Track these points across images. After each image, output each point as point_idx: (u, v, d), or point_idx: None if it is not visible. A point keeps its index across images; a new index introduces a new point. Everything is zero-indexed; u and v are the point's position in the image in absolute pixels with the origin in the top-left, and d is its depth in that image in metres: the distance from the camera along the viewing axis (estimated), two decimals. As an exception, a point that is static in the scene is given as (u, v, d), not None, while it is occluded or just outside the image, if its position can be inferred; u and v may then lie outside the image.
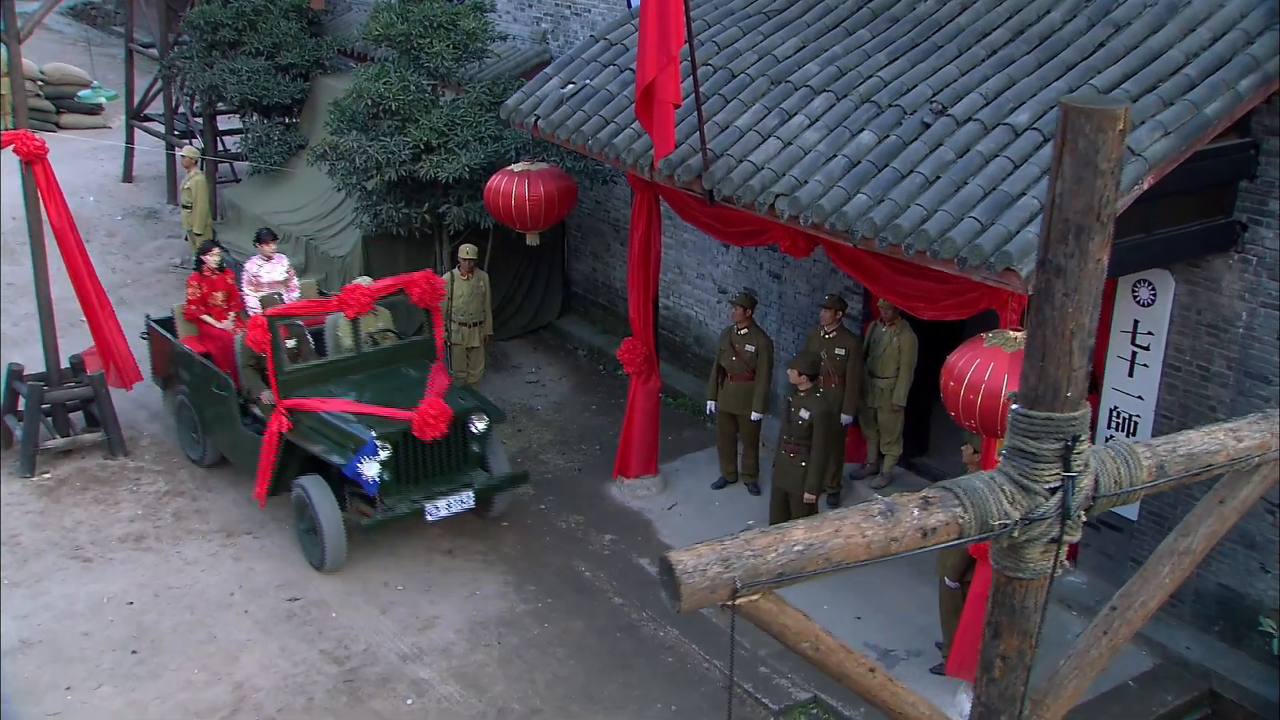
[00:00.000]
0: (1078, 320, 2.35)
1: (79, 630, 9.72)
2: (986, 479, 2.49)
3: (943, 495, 2.44)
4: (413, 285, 11.02)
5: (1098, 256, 2.29)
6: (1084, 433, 2.47)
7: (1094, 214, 2.24)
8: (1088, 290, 2.33)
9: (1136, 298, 9.45)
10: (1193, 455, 2.74)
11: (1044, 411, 2.43)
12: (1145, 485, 2.64)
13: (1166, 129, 7.34)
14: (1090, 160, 2.21)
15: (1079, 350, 2.37)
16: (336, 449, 10.16)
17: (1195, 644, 9.52)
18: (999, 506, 2.44)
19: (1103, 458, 2.63)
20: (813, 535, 2.29)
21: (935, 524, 2.39)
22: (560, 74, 10.85)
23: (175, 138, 18.94)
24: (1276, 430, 2.85)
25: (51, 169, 11.61)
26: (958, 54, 8.81)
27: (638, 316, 11.32)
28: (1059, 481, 2.46)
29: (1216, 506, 3.10)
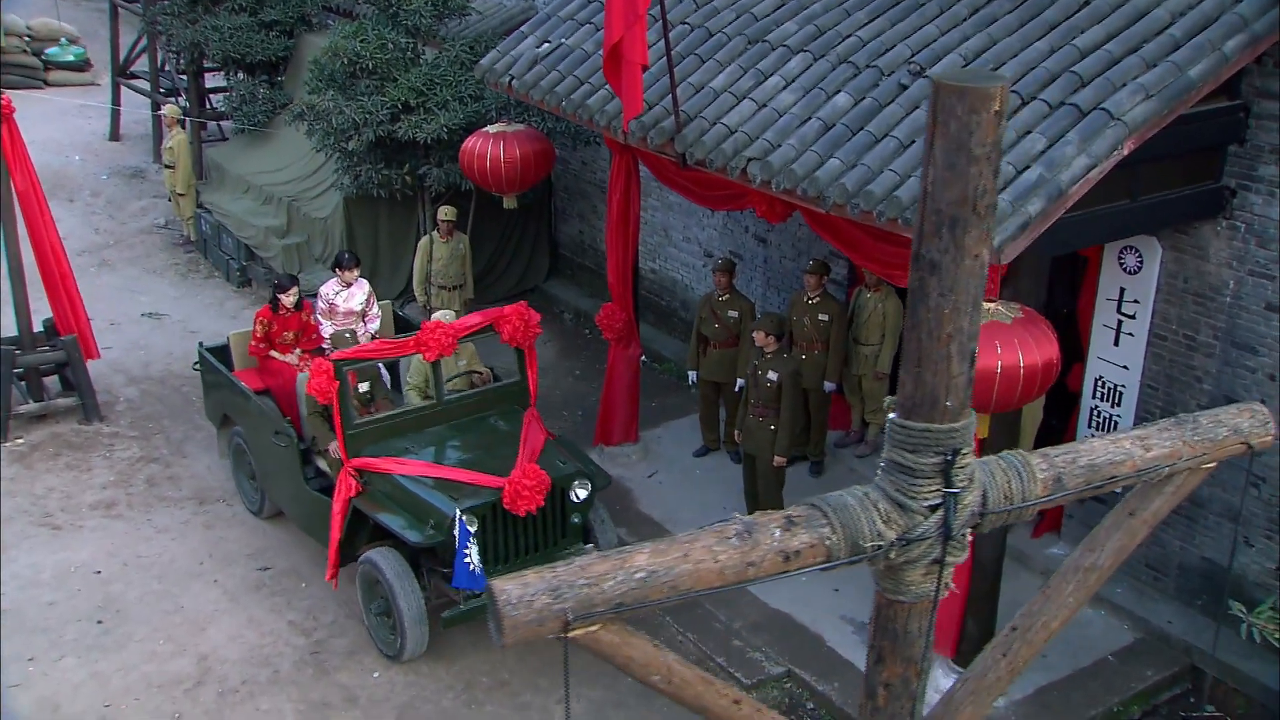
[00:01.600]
0: (955, 322, 2.12)
1: (44, 600, 9.60)
2: (860, 495, 2.27)
3: (809, 514, 2.22)
4: (503, 321, 9.61)
5: (975, 252, 2.06)
6: (966, 445, 2.25)
7: (969, 205, 2.01)
8: (965, 289, 2.10)
9: (1123, 265, 9.19)
10: (1094, 466, 2.52)
11: (921, 422, 2.21)
12: (1041, 500, 2.43)
13: (1148, 92, 7.06)
14: (963, 145, 1.98)
15: (958, 355, 2.15)
16: (414, 524, 8.67)
17: (1177, 618, 9.33)
18: (871, 527, 2.22)
19: (991, 470, 2.41)
20: (657, 560, 2.07)
21: (799, 546, 2.17)
22: (536, 32, 10.57)
23: (160, 96, 18.67)
24: (1187, 438, 2.63)
25: (18, 129, 11.37)
26: (939, 12, 8.51)
27: (617, 281, 11.10)
28: (940, 498, 2.25)
29: (1126, 519, 2.88)
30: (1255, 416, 2.77)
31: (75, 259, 15.72)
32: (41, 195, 11.69)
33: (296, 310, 10.80)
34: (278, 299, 10.71)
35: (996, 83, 1.95)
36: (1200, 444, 2.66)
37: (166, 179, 16.25)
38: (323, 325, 10.91)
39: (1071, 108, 7.11)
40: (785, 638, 9.39)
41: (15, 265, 11.72)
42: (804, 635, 9.42)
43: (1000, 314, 6.94)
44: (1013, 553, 10.25)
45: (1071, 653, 9.23)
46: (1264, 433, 2.80)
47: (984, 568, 8.38)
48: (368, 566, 8.91)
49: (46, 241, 11.66)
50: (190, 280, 15.55)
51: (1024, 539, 10.34)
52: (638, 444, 11.75)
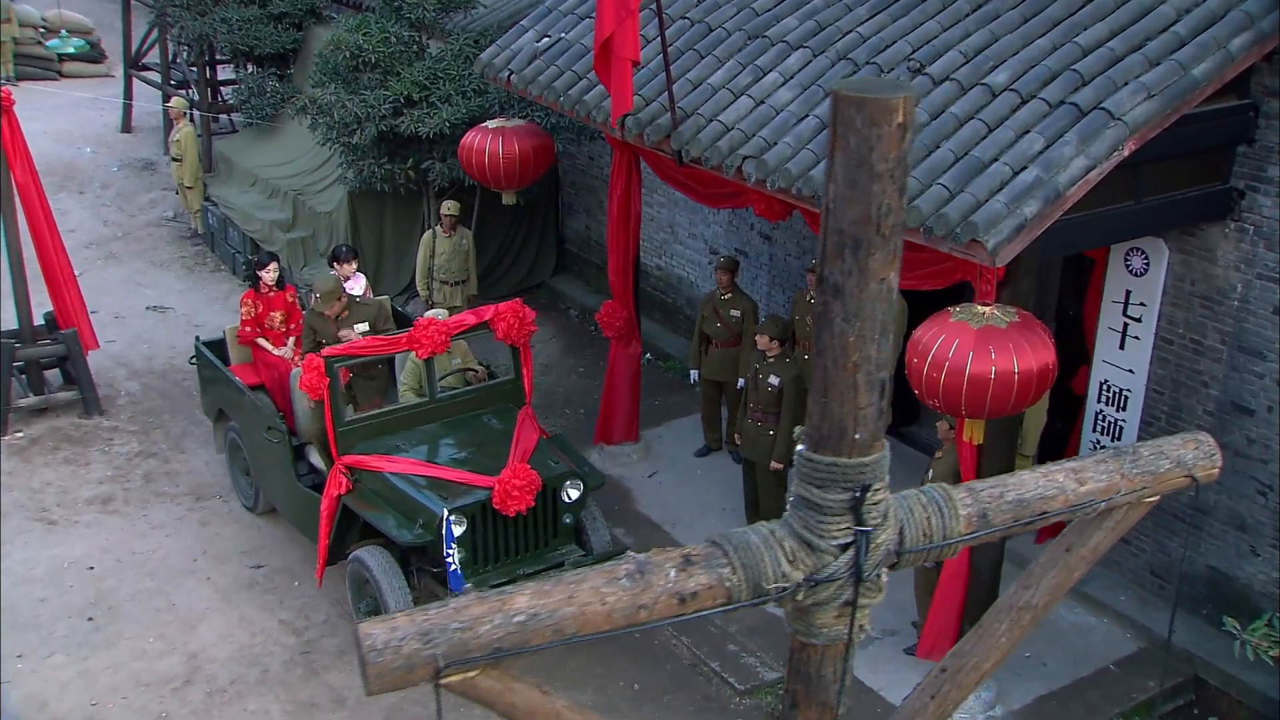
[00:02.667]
0: (861, 350, 1.98)
1: (36, 596, 9.55)
2: (765, 533, 2.13)
3: (708, 553, 2.09)
4: (498, 319, 9.46)
5: (881, 275, 1.92)
6: (878, 480, 2.11)
7: (872, 225, 1.87)
8: (872, 315, 1.96)
9: (1129, 267, 9.00)
10: (1023, 501, 2.37)
11: (829, 456, 2.07)
12: (965, 537, 2.28)
13: (1150, 91, 6.88)
14: (864, 160, 1.84)
15: (866, 385, 2.01)
16: (403, 523, 8.55)
17: (1181, 627, 9.14)
18: (776, 567, 2.08)
19: (910, 506, 2.27)
20: (539, 603, 1.95)
21: (696, 588, 2.04)
22: (536, 27, 10.44)
23: (171, 88, 18.63)
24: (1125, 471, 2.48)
25: (18, 122, 11.31)
26: (941, 8, 8.34)
27: (618, 278, 10.98)
28: (851, 537, 2.12)
29: (1063, 555, 2.73)
30: (1200, 448, 2.62)
31: (83, 251, 15.79)
32: (41, 188, 11.62)
33: (279, 289, 10.80)
34: (258, 277, 10.74)
35: (899, 93, 1.81)
36: (1139, 477, 2.51)
37: (174, 172, 16.21)
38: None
39: (1071, 107, 6.95)
40: (782, 642, 9.23)
41: (15, 258, 11.67)
42: (800, 640, 9.27)
43: (995, 318, 6.79)
44: (1014, 557, 10.08)
45: (1072, 661, 9.07)
46: (1209, 465, 2.64)
47: (981, 574, 8.22)
48: (356, 565, 8.81)
49: (46, 235, 11.60)
50: (196, 274, 15.51)
51: (1027, 543, 10.15)
52: (638, 443, 11.63)
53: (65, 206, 17.27)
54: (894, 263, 1.94)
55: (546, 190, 14.93)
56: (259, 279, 10.69)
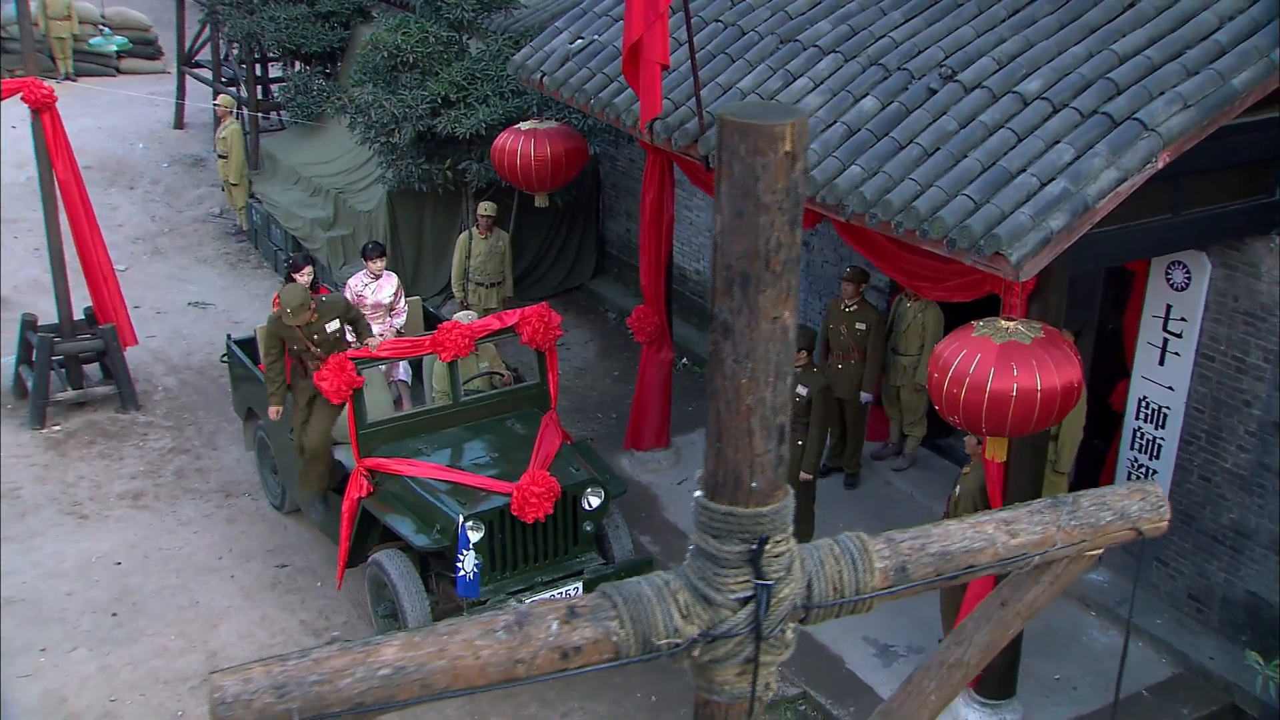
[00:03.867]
0: (755, 393, 1.84)
1: (63, 590, 9.62)
2: (659, 584, 2.00)
3: (596, 605, 1.96)
4: (524, 323, 9.34)
5: (773, 314, 1.78)
6: (779, 531, 1.97)
7: (760, 260, 1.73)
8: (765, 356, 1.82)
9: (1170, 281, 8.74)
10: (947, 554, 2.21)
11: (724, 505, 1.94)
12: (880, 592, 2.14)
13: (1186, 101, 6.64)
14: (749, 191, 1.70)
15: (761, 430, 1.87)
16: (422, 528, 8.49)
17: (1220, 654, 8.86)
18: (668, 621, 1.95)
19: (821, 557, 2.12)
20: (407, 655, 1.83)
21: (579, 642, 1.91)
22: (571, 28, 10.36)
23: (222, 85, 18.78)
24: (1062, 523, 2.31)
25: (60, 118, 11.41)
26: (977, 13, 8.14)
27: (649, 283, 10.87)
28: (751, 590, 1.98)
29: (997, 610, 2.56)
30: (1147, 498, 2.44)
31: (130, 246, 15.97)
32: (82, 184, 11.72)
33: (313, 291, 10.56)
34: (293, 279, 10.60)
35: (788, 119, 1.67)
36: (1078, 530, 2.34)
37: (220, 169, 16.33)
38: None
39: (1104, 117, 6.73)
40: (803, 656, 9.09)
41: (56, 254, 11.79)
42: (823, 655, 9.11)
43: (1019, 333, 6.59)
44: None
45: (1103, 685, 8.82)
46: (1156, 517, 2.46)
47: (1007, 595, 8.00)
48: (375, 569, 8.77)
49: (86, 230, 11.70)
50: (239, 270, 15.61)
51: (1062, 563, 9.92)
52: (669, 449, 11.51)
53: (115, 201, 17.50)
54: (788, 300, 1.80)
55: (587, 192, 14.85)
56: (294, 280, 10.64)
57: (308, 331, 9.26)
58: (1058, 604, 9.61)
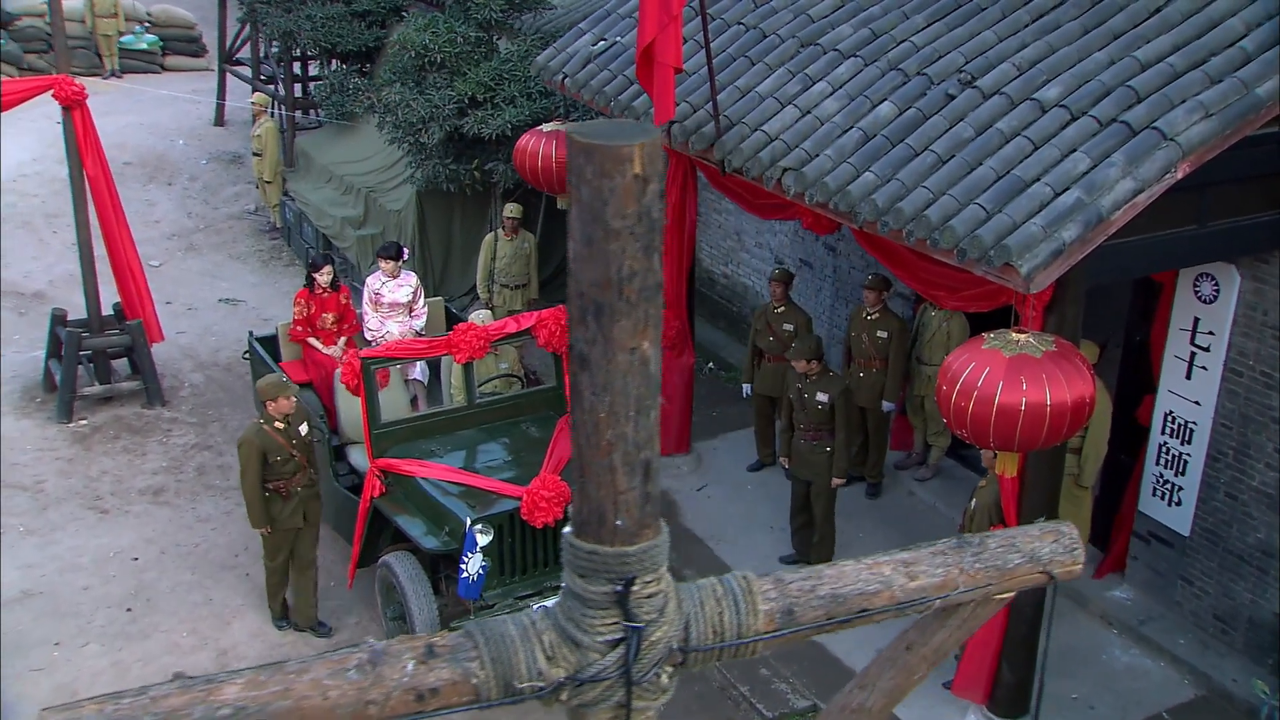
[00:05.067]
0: (615, 428, 1.74)
1: (80, 584, 9.68)
2: (525, 624, 1.91)
3: (456, 644, 1.87)
4: (540, 326, 9.20)
5: (630, 345, 1.68)
6: (648, 571, 1.86)
7: (613, 289, 1.64)
8: (624, 390, 1.72)
9: (1198, 293, 8.52)
10: (838, 597, 2.09)
11: (589, 543, 1.85)
12: (765, 636, 2.03)
13: (1208, 110, 6.46)
14: (598, 216, 1.61)
15: (624, 466, 1.77)
16: (432, 530, 8.47)
17: (1244, 676, 8.63)
18: (531, 664, 1.86)
19: (702, 598, 2.02)
20: (250, 695, 1.75)
21: (436, 684, 1.83)
22: (594, 30, 10.29)
23: (261, 83, 18.89)
24: (966, 565, 2.18)
25: (90, 115, 11.49)
26: (1000, 17, 7.97)
27: (671, 287, 10.76)
28: (622, 632, 1.88)
29: (902, 654, 2.44)
30: (1060, 540, 2.30)
31: (165, 242, 16.10)
32: (111, 181, 11.81)
33: (333, 290, 10.71)
34: (313, 278, 10.64)
35: (637, 139, 1.57)
36: (982, 573, 2.21)
37: (254, 166, 16.42)
38: (367, 316, 10.78)
39: (1122, 125, 6.56)
40: (816, 668, 8.97)
41: (85, 250, 11.88)
42: (837, 668, 8.98)
43: (1030, 346, 6.43)
44: (1069, 592, 9.67)
45: (1123, 706, 8.62)
46: (1069, 560, 2.32)
47: (1021, 611, 7.83)
48: (385, 570, 8.75)
49: (115, 227, 11.78)
50: (271, 267, 15.68)
51: (1084, 579, 9.71)
52: (689, 455, 11.42)
53: (153, 197, 17.65)
54: (647, 331, 1.71)
55: (618, 194, 14.77)
56: (314, 280, 10.67)
57: (287, 435, 8.77)
58: (1077, 620, 9.46)
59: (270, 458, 8.65)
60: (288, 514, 8.86)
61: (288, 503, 8.83)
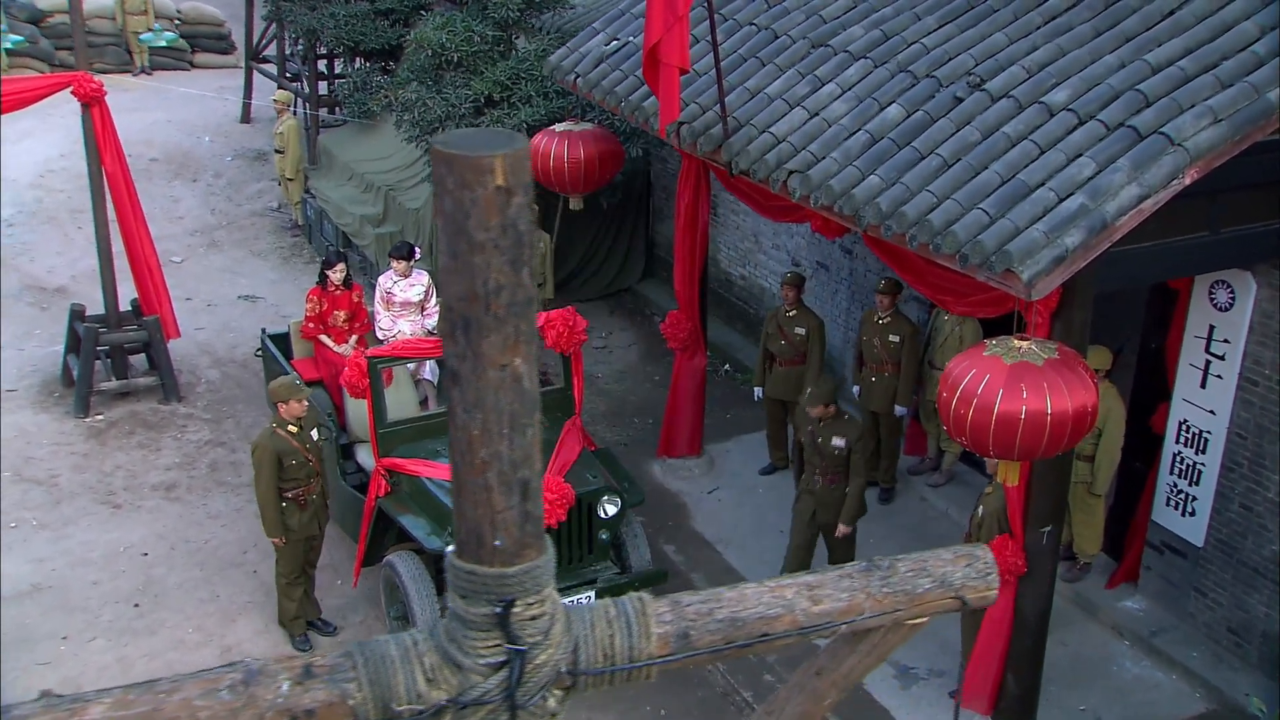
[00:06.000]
0: (489, 446, 1.69)
1: (89, 579, 9.73)
2: (407, 645, 1.85)
3: (335, 665, 1.83)
4: (548, 326, 9.14)
5: (501, 361, 1.62)
6: (530, 593, 1.80)
7: (480, 304, 1.58)
8: (496, 407, 1.67)
9: (1213, 300, 8.39)
10: (737, 621, 2.02)
11: (468, 564, 1.80)
12: (659, 659, 1.97)
13: (1217, 115, 6.33)
14: (461, 228, 1.55)
15: (500, 485, 1.72)
16: (435, 530, 8.44)
17: (1257, 691, 8.49)
18: (410, 686, 1.81)
19: (592, 621, 1.96)
20: (115, 715, 1.68)
21: (312, 705, 1.78)
22: (607, 29, 10.25)
23: (286, 81, 18.96)
24: (873, 590, 2.10)
25: (109, 112, 11.55)
26: (1012, 19, 7.86)
27: (683, 289, 10.73)
28: (506, 655, 1.83)
29: (812, 679, 2.37)
30: (974, 564, 2.22)
31: (188, 239, 16.19)
32: (130, 177, 11.85)
33: (345, 289, 10.68)
34: (326, 275, 10.62)
35: (500, 149, 1.51)
36: (890, 598, 2.14)
37: (277, 163, 16.49)
38: (379, 315, 10.76)
39: (1129, 130, 6.44)
40: (820, 676, 8.88)
41: (103, 246, 11.94)
42: (841, 675, 8.89)
43: (1032, 354, 6.33)
44: (1082, 602, 9.56)
45: (1131, 718, 8.50)
46: (983, 585, 2.24)
47: (1026, 621, 7.73)
48: (388, 570, 8.74)
49: (133, 223, 11.84)
50: (291, 264, 15.73)
51: (1096, 588, 9.60)
52: (701, 457, 11.36)
53: (178, 194, 17.76)
54: (518, 347, 1.65)
55: (637, 194, 14.73)
56: (326, 278, 10.67)
57: (301, 439, 8.68)
58: (1088, 630, 9.33)
59: (285, 461, 8.57)
60: (305, 522, 8.82)
61: (304, 511, 8.78)
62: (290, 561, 8.82)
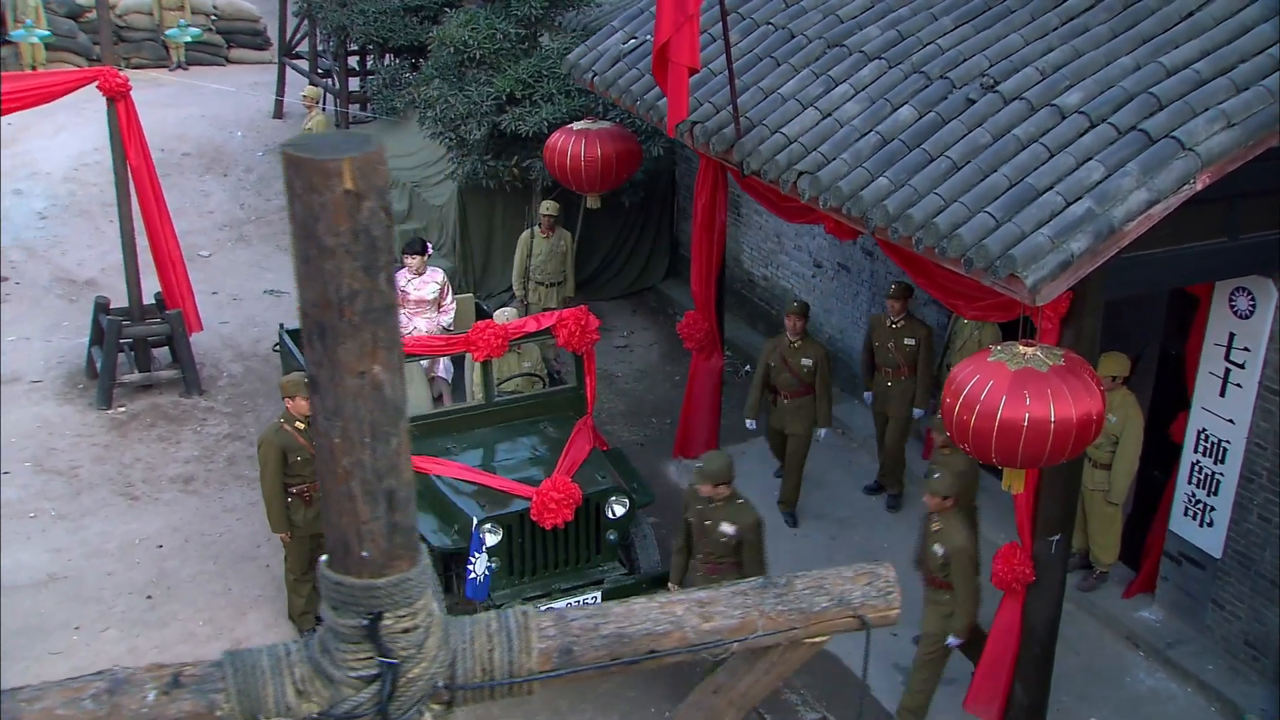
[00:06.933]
0: (351, 455, 1.65)
1: (104, 570, 9.81)
2: (279, 655, 1.83)
3: (205, 674, 1.81)
4: (560, 325, 9.17)
5: (359, 368, 1.58)
6: (399, 605, 1.77)
7: (334, 310, 1.55)
8: (356, 415, 1.63)
9: (1234, 307, 8.24)
10: (624, 637, 1.97)
11: (336, 574, 1.76)
12: (540, 675, 1.92)
13: (1230, 120, 6.21)
14: (311, 233, 1.52)
15: (365, 495, 1.68)
16: (442, 528, 8.47)
17: (1273, 706, 8.34)
18: (279, 698, 1.78)
19: (472, 635, 1.91)
20: None
21: (178, 715, 1.76)
22: (626, 28, 10.21)
23: (318, 77, 19.06)
24: (767, 608, 2.04)
25: (134, 107, 11.63)
26: (1029, 20, 7.75)
27: (700, 289, 10.65)
28: (378, 668, 1.79)
29: (710, 697, 2.31)
30: (874, 583, 2.15)
31: (217, 233, 16.30)
32: (154, 172, 11.93)
33: None
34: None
35: (349, 153, 1.48)
36: (786, 616, 2.07)
37: (305, 159, 16.54)
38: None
39: (1140, 134, 6.33)
40: (828, 681, 8.82)
41: (128, 239, 12.03)
42: (849, 681, 8.82)
43: (1037, 360, 6.23)
44: (1097, 612, 9.42)
45: (1144, 732, 8.38)
46: (884, 604, 2.17)
47: (1034, 630, 7.62)
48: None
49: (157, 217, 11.92)
50: (317, 260, 15.80)
51: (1114, 598, 9.46)
52: (717, 459, 11.26)
53: (208, 188, 17.88)
54: (376, 354, 1.61)
55: (662, 193, 14.68)
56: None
57: (309, 436, 8.44)
58: (1101, 640, 9.19)
59: (290, 457, 8.60)
60: (311, 519, 8.84)
61: (309, 508, 8.80)
62: (297, 557, 8.84)
